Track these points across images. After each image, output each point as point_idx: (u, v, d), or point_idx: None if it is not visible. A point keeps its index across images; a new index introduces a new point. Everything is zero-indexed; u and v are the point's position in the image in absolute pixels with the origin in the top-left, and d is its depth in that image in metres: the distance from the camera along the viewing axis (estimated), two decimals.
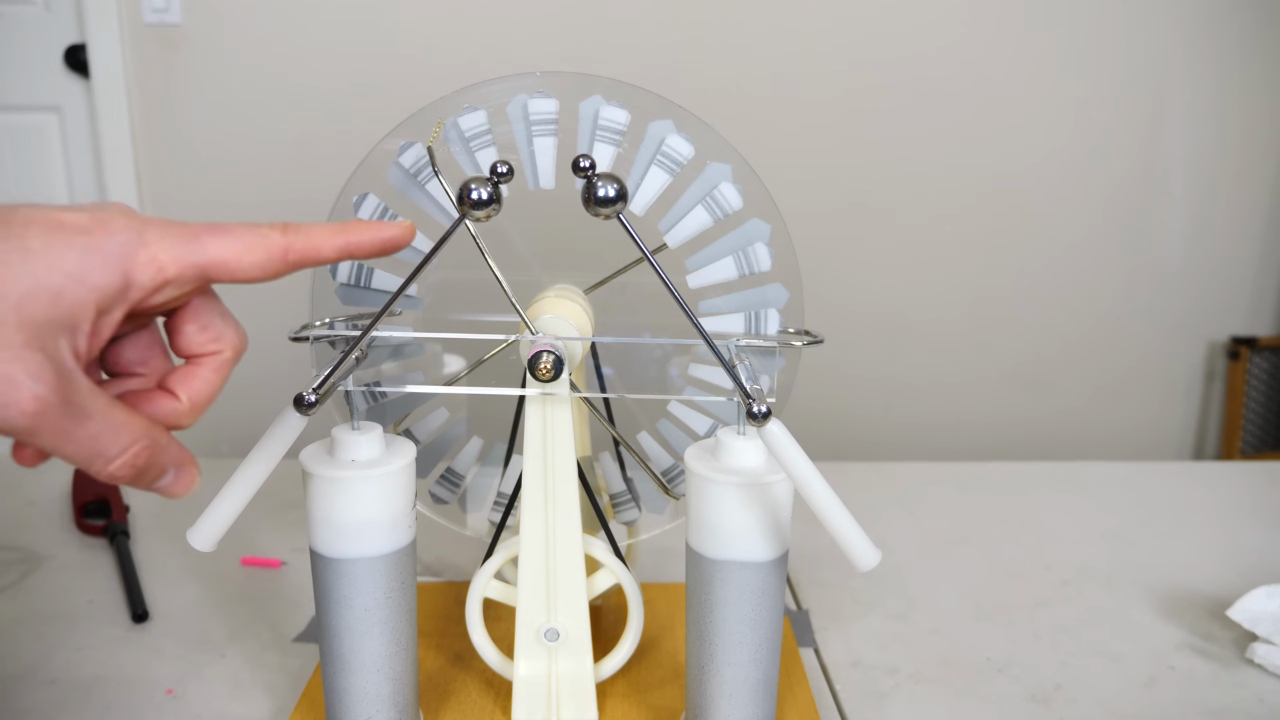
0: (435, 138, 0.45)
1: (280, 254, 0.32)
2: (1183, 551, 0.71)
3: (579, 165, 0.38)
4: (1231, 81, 1.84)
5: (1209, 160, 1.88)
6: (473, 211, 0.38)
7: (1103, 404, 1.97)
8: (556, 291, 0.49)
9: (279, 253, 0.32)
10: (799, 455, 0.38)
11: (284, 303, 1.59)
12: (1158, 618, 0.61)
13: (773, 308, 0.46)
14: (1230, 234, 1.92)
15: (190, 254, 0.30)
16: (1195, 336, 1.97)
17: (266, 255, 0.31)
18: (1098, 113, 1.83)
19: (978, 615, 0.61)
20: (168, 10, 1.75)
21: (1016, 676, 0.54)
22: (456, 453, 0.52)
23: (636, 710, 0.49)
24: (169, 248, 0.29)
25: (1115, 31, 1.80)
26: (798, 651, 0.55)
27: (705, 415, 0.50)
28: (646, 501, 0.53)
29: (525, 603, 0.46)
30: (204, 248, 0.30)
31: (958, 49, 1.79)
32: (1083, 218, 1.88)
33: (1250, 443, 1.98)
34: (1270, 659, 0.54)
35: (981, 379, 1.95)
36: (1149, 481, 0.86)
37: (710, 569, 0.41)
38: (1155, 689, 0.53)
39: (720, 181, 0.45)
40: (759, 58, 1.78)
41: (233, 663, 0.54)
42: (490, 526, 0.53)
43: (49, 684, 0.51)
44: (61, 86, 1.82)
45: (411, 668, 0.44)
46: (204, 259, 0.30)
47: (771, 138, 1.81)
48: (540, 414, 0.43)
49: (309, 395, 0.39)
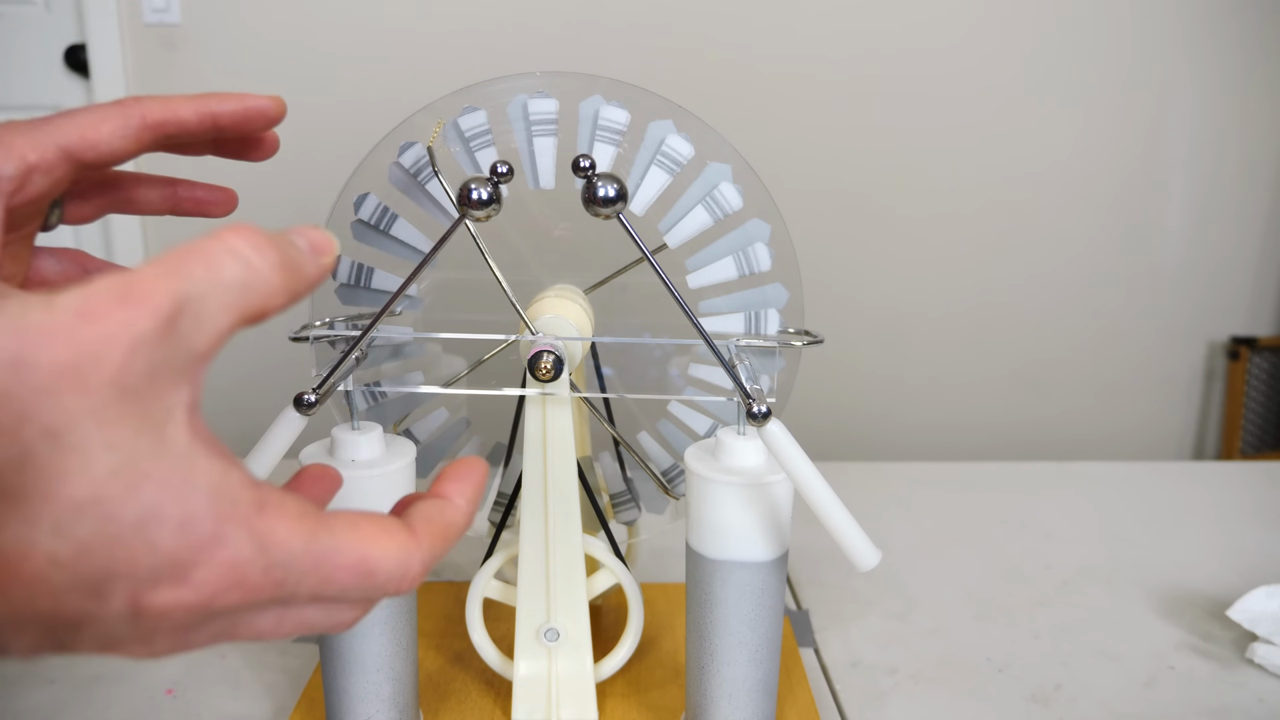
0: (435, 138, 0.45)
1: (138, 119, 0.31)
2: (1183, 551, 0.71)
3: (579, 165, 0.38)
4: (1232, 81, 1.84)
5: (1209, 160, 1.88)
6: (473, 211, 0.38)
7: (1103, 404, 1.97)
8: (556, 291, 0.49)
9: (136, 118, 0.31)
10: (799, 455, 0.38)
11: None
12: (1157, 618, 0.61)
13: (773, 308, 0.46)
14: (1230, 234, 1.92)
15: (45, 135, 0.29)
16: (1195, 336, 1.97)
17: (124, 121, 0.31)
18: (1098, 113, 1.83)
19: (978, 615, 0.61)
20: (168, 10, 1.75)
21: (1016, 676, 0.54)
22: (456, 453, 0.52)
23: (636, 710, 0.49)
24: (22, 134, 0.29)
25: (1116, 31, 1.80)
26: (798, 651, 0.55)
27: (705, 415, 0.50)
28: (646, 501, 0.53)
29: (525, 603, 0.46)
30: (56, 126, 0.30)
31: (958, 49, 1.79)
32: (1083, 217, 1.88)
33: (1250, 443, 1.98)
34: (1270, 659, 0.54)
35: (981, 379, 1.95)
36: (1149, 481, 0.86)
37: (710, 569, 0.41)
38: (1155, 689, 0.53)
39: (720, 181, 0.45)
40: (759, 58, 1.78)
41: (233, 663, 0.54)
42: (490, 526, 0.53)
43: (49, 684, 0.51)
44: (61, 86, 1.82)
45: (411, 668, 0.44)
46: (61, 138, 0.30)
47: (771, 138, 1.81)
48: (540, 414, 0.43)
49: (309, 395, 0.39)
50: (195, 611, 0.21)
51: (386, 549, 0.23)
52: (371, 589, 0.23)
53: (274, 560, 0.21)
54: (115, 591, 0.19)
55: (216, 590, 0.20)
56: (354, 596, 0.23)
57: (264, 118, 0.35)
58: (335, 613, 0.24)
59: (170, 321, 0.19)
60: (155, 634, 0.21)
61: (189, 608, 0.20)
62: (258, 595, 0.21)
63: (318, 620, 0.24)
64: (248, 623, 0.22)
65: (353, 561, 0.22)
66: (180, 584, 0.20)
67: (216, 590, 0.20)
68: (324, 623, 0.24)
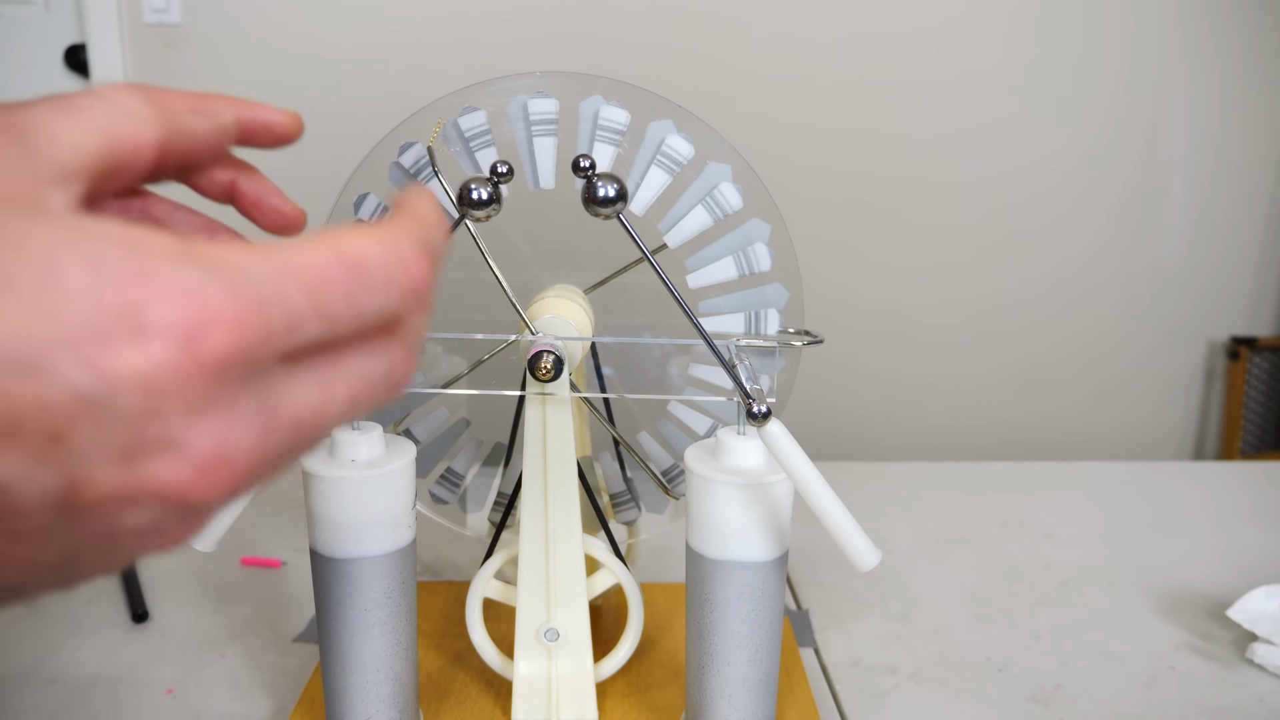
0: (435, 138, 0.45)
1: None
2: (1183, 551, 0.71)
3: (579, 165, 0.38)
4: (1231, 81, 1.84)
5: (1209, 160, 1.88)
6: (473, 211, 0.38)
7: (1103, 404, 1.97)
8: (556, 291, 0.49)
9: None
10: (799, 455, 0.38)
11: None
12: (1158, 618, 0.61)
13: (773, 308, 0.46)
14: (1230, 234, 1.92)
15: None
16: (1195, 336, 1.97)
17: None
18: (1098, 113, 1.83)
19: (978, 615, 0.61)
20: (168, 10, 1.75)
21: (1016, 676, 0.54)
22: (456, 453, 0.52)
23: (636, 710, 0.49)
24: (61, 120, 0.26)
25: (1116, 32, 1.80)
26: (798, 651, 0.55)
27: (705, 415, 0.50)
28: (646, 501, 0.53)
29: (525, 602, 0.46)
30: None
31: (958, 50, 1.79)
32: (1083, 217, 1.88)
33: (1250, 443, 1.98)
34: (1270, 659, 0.54)
35: (982, 379, 1.95)
36: (1149, 481, 0.86)
37: (710, 569, 0.41)
38: (1155, 689, 0.53)
39: (720, 181, 0.45)
40: (759, 58, 1.78)
41: (233, 663, 0.54)
42: (490, 526, 0.53)
43: (49, 684, 0.51)
44: (61, 87, 1.82)
45: (411, 668, 0.44)
46: None
47: (771, 138, 1.81)
48: (540, 414, 0.43)
49: None
50: (185, 374, 0.16)
51: (363, 237, 0.19)
52: (379, 287, 0.19)
53: (233, 274, 0.16)
54: (53, 362, 0.15)
55: (188, 333, 0.15)
56: (368, 307, 0.19)
57: (271, 134, 0.29)
58: (375, 351, 0.20)
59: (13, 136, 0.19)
60: (167, 423, 0.16)
61: (171, 367, 0.15)
62: (246, 330, 0.16)
63: (366, 367, 0.20)
64: (284, 393, 0.18)
65: (332, 256, 0.18)
66: (136, 335, 0.15)
67: (188, 333, 0.15)
68: (374, 369, 0.20)
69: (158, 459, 0.16)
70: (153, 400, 0.15)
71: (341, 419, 0.20)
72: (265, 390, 0.17)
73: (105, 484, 0.16)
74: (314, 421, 0.19)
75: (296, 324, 0.17)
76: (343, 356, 0.19)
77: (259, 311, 0.16)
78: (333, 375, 0.19)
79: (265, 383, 0.17)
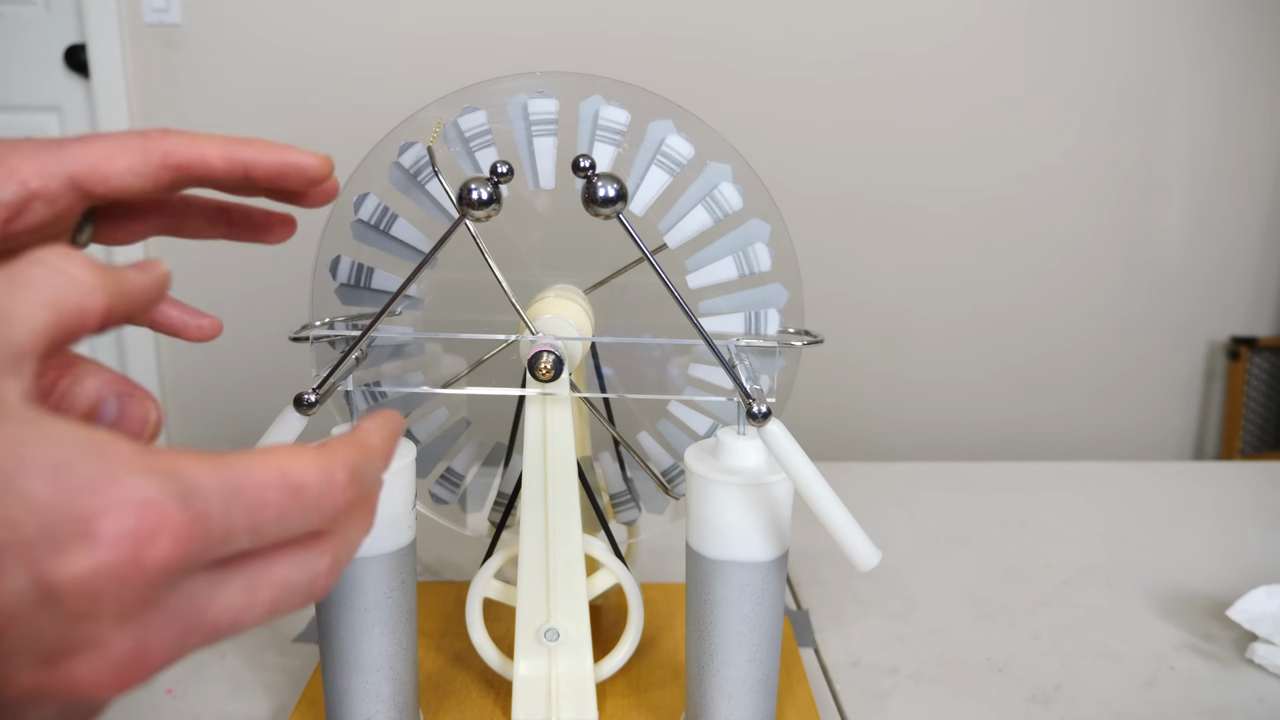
0: (435, 138, 0.45)
1: (159, 156, 0.28)
2: (1183, 551, 0.71)
3: (579, 165, 0.38)
4: (1231, 81, 1.84)
5: (1209, 160, 1.88)
6: (473, 211, 0.38)
7: (1103, 404, 1.97)
8: (556, 291, 0.49)
9: (158, 156, 0.28)
10: (799, 455, 0.38)
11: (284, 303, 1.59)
12: (1157, 618, 0.61)
13: (773, 308, 0.46)
14: (1230, 234, 1.92)
15: (54, 161, 0.26)
16: (1195, 336, 1.97)
17: (144, 158, 0.28)
18: (1098, 112, 1.83)
19: (978, 615, 0.61)
20: (168, 10, 1.75)
21: (1016, 676, 0.54)
22: (456, 453, 0.52)
23: (636, 710, 0.49)
24: (29, 158, 0.26)
25: (1116, 31, 1.80)
26: (798, 651, 0.55)
27: (705, 415, 0.50)
28: (646, 501, 0.53)
29: (525, 602, 0.46)
30: (68, 152, 0.27)
31: (958, 49, 1.79)
32: (1083, 217, 1.88)
33: (1250, 443, 1.98)
34: (1270, 659, 0.54)
35: (982, 379, 1.95)
36: (1149, 481, 0.86)
37: (710, 569, 0.41)
38: (1155, 689, 0.53)
39: (720, 181, 0.45)
40: (759, 58, 1.78)
41: (233, 663, 0.54)
42: (490, 526, 0.53)
43: None
44: (61, 86, 1.82)
45: (411, 668, 0.44)
46: (70, 166, 0.27)
47: (771, 137, 1.81)
48: (540, 414, 0.43)
49: (309, 395, 0.39)
50: (125, 579, 0.17)
51: (304, 460, 0.21)
52: (309, 508, 0.21)
53: (188, 488, 0.18)
54: (5, 567, 0.16)
55: (137, 540, 0.17)
56: (296, 525, 0.21)
57: (302, 176, 0.31)
58: (301, 562, 0.22)
59: None
60: (97, 626, 0.17)
61: (114, 573, 0.17)
62: (190, 541, 0.18)
63: (291, 576, 0.21)
64: (211, 597, 0.19)
65: (273, 478, 0.20)
66: (86, 541, 0.16)
67: (137, 540, 0.17)
68: (299, 578, 0.21)
69: (78, 658, 0.17)
70: (89, 604, 0.17)
71: (259, 622, 0.21)
72: (193, 594, 0.19)
73: (23, 684, 0.17)
74: (231, 625, 0.20)
75: (232, 537, 0.19)
76: (269, 563, 0.21)
77: (205, 523, 0.18)
78: (258, 582, 0.21)
79: (193, 586, 0.19)
